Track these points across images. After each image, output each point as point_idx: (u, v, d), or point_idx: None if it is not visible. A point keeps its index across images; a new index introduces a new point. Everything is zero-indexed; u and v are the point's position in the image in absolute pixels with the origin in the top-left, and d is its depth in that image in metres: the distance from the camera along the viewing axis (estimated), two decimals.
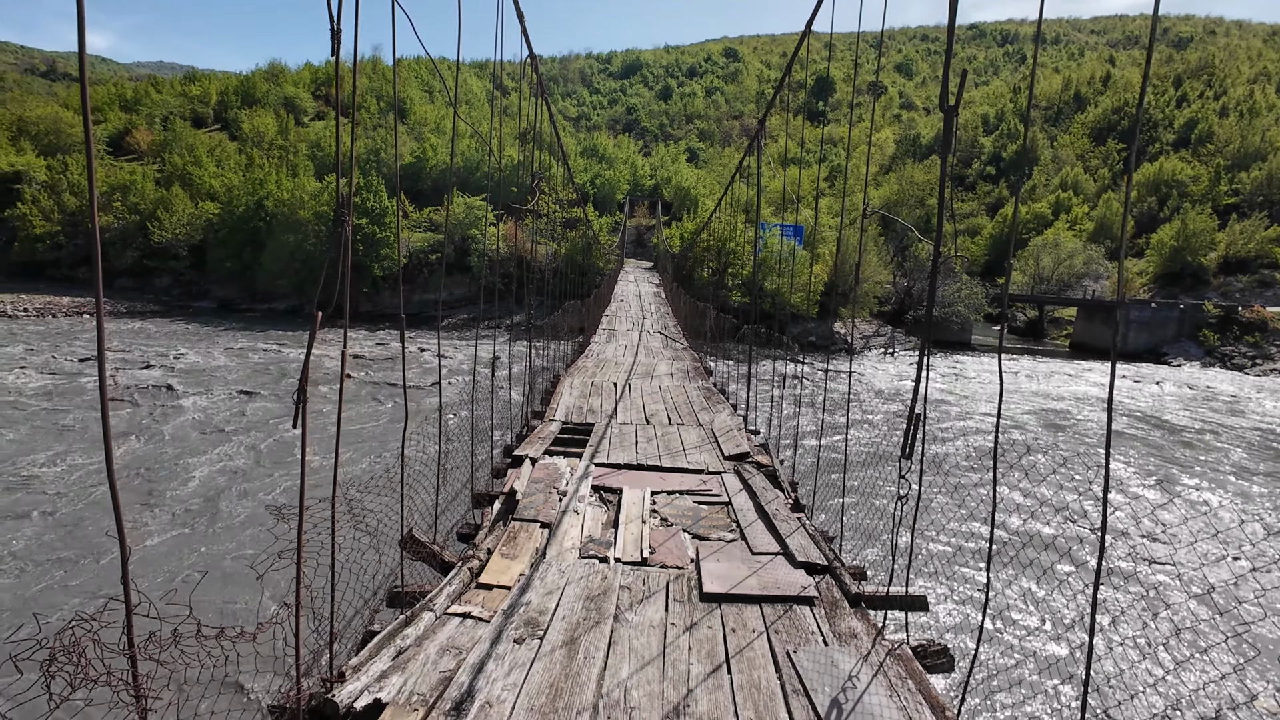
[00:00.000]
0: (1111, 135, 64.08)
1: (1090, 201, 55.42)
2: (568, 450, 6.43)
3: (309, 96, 59.15)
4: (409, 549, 3.94)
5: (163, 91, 56.99)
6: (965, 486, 11.59)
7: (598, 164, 55.44)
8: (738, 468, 6.01)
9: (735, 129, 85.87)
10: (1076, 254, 44.48)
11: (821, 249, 36.31)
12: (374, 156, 42.10)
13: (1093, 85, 73.64)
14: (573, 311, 13.65)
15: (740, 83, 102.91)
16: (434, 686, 2.73)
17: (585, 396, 9.14)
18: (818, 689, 2.86)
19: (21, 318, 28.89)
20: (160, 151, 44.62)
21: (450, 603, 3.47)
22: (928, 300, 3.19)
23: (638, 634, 3.24)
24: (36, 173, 39.14)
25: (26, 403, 15.12)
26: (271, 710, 2.40)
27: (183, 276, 36.98)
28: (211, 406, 15.72)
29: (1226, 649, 7.27)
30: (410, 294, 35.18)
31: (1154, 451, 16.31)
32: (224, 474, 11.22)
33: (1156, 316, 36.17)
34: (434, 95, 62.55)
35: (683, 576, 3.92)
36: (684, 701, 2.73)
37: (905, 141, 72.33)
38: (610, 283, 29.32)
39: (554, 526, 4.57)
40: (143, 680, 1.52)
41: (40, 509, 9.35)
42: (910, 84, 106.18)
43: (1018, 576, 8.52)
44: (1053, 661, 6.93)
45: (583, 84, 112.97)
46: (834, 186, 57.55)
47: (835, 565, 4.08)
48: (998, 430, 2.76)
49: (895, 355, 32.17)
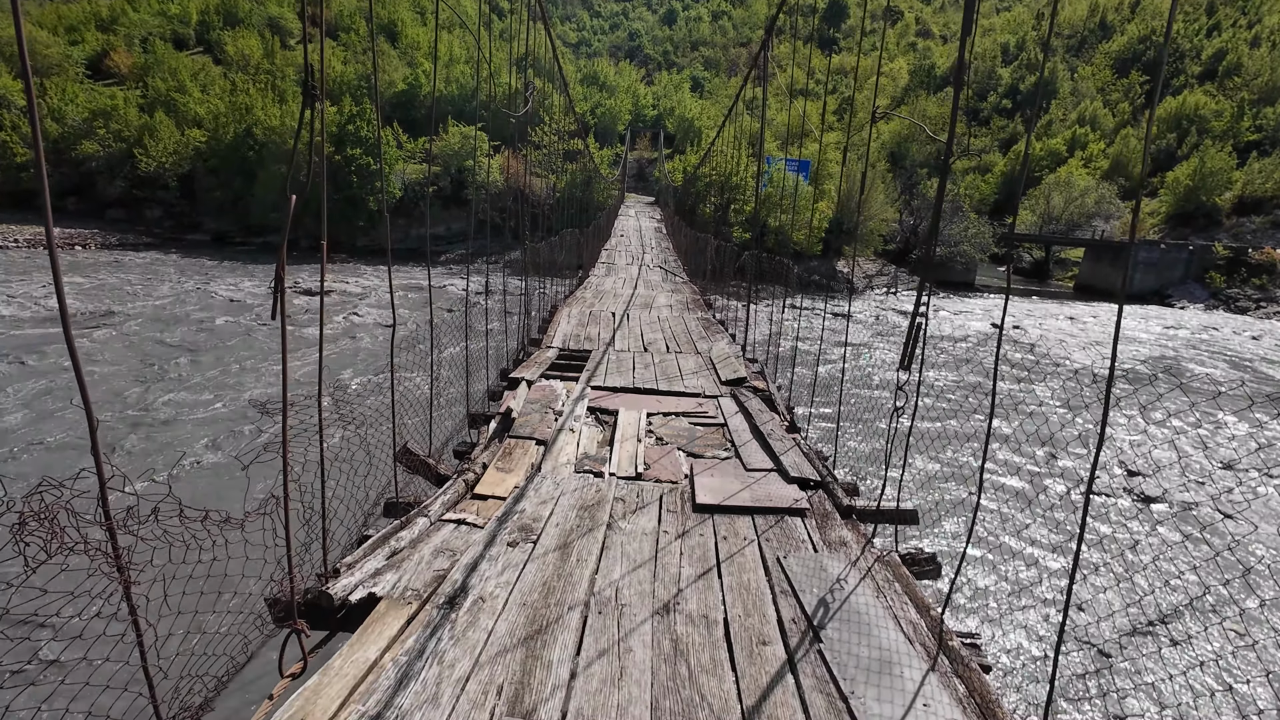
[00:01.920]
0: (1136, 66, 61.24)
1: (1108, 138, 53.54)
2: (564, 375, 6.40)
3: (294, 16, 56.12)
4: (404, 461, 3.96)
5: (140, 10, 54.00)
6: (962, 413, 11.69)
7: (599, 92, 53.25)
8: (734, 392, 6.00)
9: (742, 57, 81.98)
10: (1089, 193, 43.34)
11: (828, 185, 35.38)
12: (365, 83, 40.35)
13: (1120, 11, 69.78)
14: (571, 242, 13.36)
15: (749, 7, 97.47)
16: (428, 584, 2.77)
17: (583, 325, 9.06)
18: (806, 590, 2.91)
19: (12, 249, 28.45)
20: (142, 75, 42.72)
21: (445, 510, 3.51)
22: (935, 207, 3.05)
23: (630, 540, 3.29)
24: (14, 97, 37.59)
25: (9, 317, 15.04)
26: (268, 601, 2.43)
27: (174, 208, 36.13)
28: (201, 325, 15.65)
29: (1204, 572, 7.49)
30: (407, 228, 34.46)
31: (1143, 392, 16.37)
32: (205, 381, 11.07)
33: (1165, 258, 35.61)
34: (425, 17, 59.37)
35: (676, 490, 3.95)
36: (674, 599, 2.78)
37: (920, 72, 69.15)
38: (610, 217, 28.70)
39: (549, 443, 4.58)
40: (123, 553, 1.50)
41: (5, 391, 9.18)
42: (929, 9, 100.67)
43: (1009, 500, 8.69)
44: (1040, 576, 7.15)
45: (583, 6, 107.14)
46: (843, 120, 55.52)
47: (828, 480, 4.10)
48: (996, 366, 2.69)
49: (897, 295, 31.88)
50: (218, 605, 2.10)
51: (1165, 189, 44.18)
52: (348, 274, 27.27)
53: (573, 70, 55.19)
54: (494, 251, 23.71)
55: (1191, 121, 50.21)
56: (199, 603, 2.01)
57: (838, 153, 40.91)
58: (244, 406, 9.44)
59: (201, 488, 6.97)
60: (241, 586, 2.28)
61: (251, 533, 2.17)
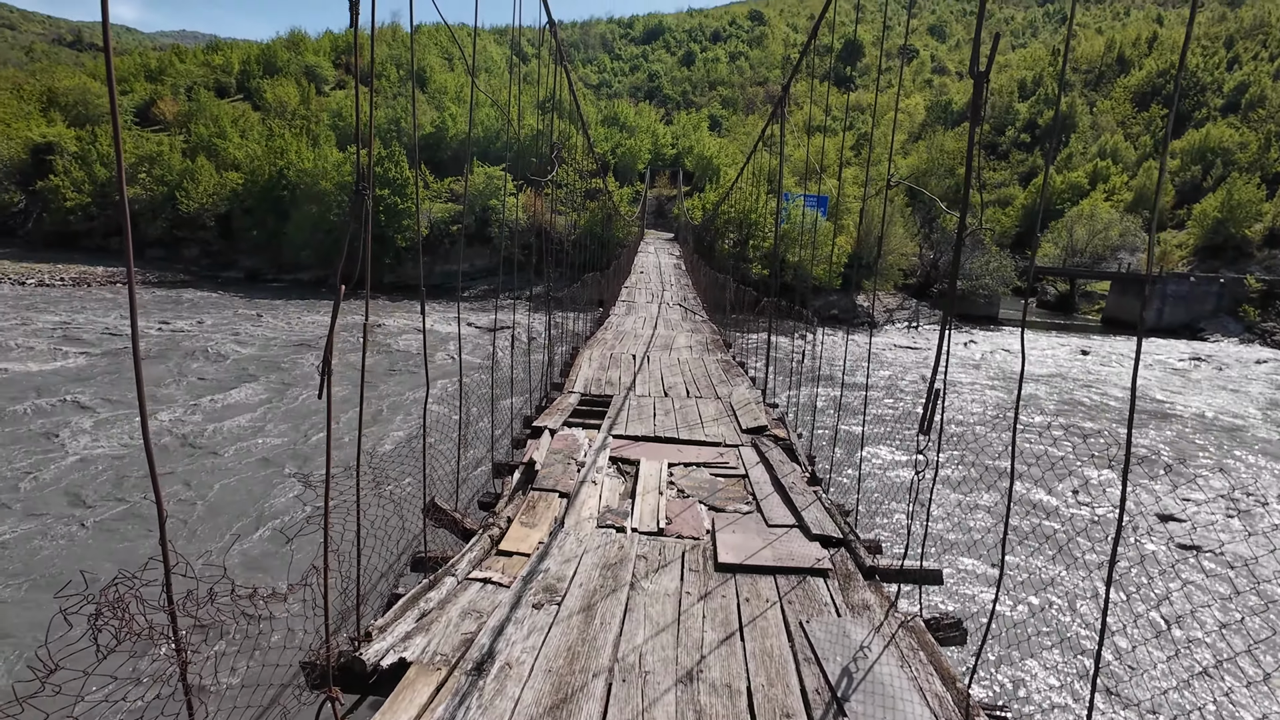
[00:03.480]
0: (1156, 100, 61.20)
1: (1130, 170, 53.26)
2: (586, 422, 6.49)
3: (329, 65, 58.89)
4: (432, 516, 4.05)
5: (186, 61, 57.17)
6: (983, 462, 11.50)
7: (619, 133, 54.63)
8: (755, 441, 6.03)
9: (759, 95, 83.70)
10: (1112, 225, 42.98)
11: (846, 220, 35.58)
12: (394, 126, 41.96)
13: (1138, 47, 70.06)
14: (592, 284, 13.64)
15: (765, 47, 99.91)
16: (456, 647, 2.83)
17: (604, 369, 9.19)
18: (829, 658, 2.91)
19: (59, 286, 29.72)
20: (186, 122, 44.98)
21: (471, 568, 3.58)
22: (951, 271, 3.13)
23: (653, 601, 3.32)
24: (67, 144, 39.75)
25: (69, 368, 15.65)
26: (303, 666, 2.52)
27: (211, 247, 37.59)
28: (240, 377, 16.12)
29: (1241, 629, 7.20)
30: (431, 265, 35.34)
31: (1178, 430, 15.96)
32: (253, 444, 11.56)
33: (1195, 291, 34.98)
34: (453, 63, 61.83)
35: (698, 547, 3.98)
36: (697, 667, 2.80)
37: (936, 108, 69.86)
38: (630, 254, 29.15)
39: (572, 496, 4.65)
40: (182, 636, 1.61)
41: (81, 474, 9.76)
42: (943, 47, 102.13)
43: (1035, 553, 8.49)
44: (1066, 636, 6.94)
45: (604, 50, 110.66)
46: (860, 155, 56.08)
47: (850, 538, 4.10)
48: (1018, 403, 2.73)
49: (919, 329, 31.66)
50: (261, 676, 2.18)
51: (1193, 221, 43.65)
52: (375, 310, 27.92)
53: (594, 111, 56.79)
54: (518, 286, 24.18)
55: (1216, 154, 49.79)
56: (245, 676, 2.10)
57: (856, 188, 41.23)
58: (286, 475, 9.93)
59: (244, 557, 7.24)
60: (280, 656, 2.37)
61: (292, 601, 2.27)
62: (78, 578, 1.39)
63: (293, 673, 2.36)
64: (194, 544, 7.51)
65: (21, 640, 6.09)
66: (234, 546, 7.36)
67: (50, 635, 1.42)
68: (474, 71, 3.65)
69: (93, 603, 1.43)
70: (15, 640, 6.11)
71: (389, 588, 3.37)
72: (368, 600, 2.99)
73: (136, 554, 7.25)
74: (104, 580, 1.53)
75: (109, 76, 1.44)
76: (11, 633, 6.21)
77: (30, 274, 30.95)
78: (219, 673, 1.89)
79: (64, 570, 7.00)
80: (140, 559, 1.69)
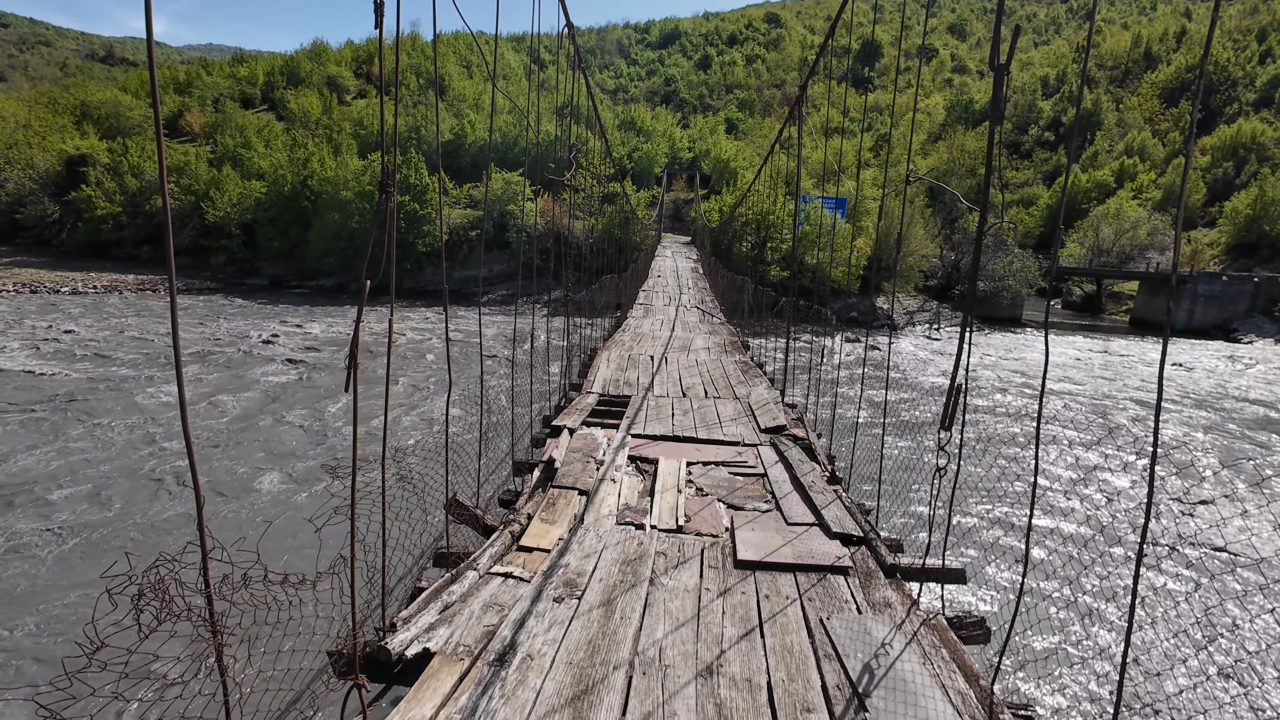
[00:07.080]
0: (1184, 96, 59.85)
1: (1158, 168, 52.10)
2: (605, 421, 6.53)
3: (351, 75, 60.02)
4: (453, 512, 4.11)
5: (213, 74, 58.70)
6: (1005, 462, 11.31)
7: (635, 137, 54.83)
8: (774, 440, 6.02)
9: (776, 98, 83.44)
10: (1140, 224, 42.03)
11: (865, 221, 35.29)
12: (414, 134, 42.58)
13: (1165, 42, 68.63)
14: (610, 287, 13.70)
15: (782, 49, 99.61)
16: (478, 639, 2.87)
17: (622, 369, 9.22)
18: (850, 654, 2.90)
19: (91, 294, 30.59)
20: (212, 133, 46.16)
21: (493, 563, 3.63)
22: (971, 267, 3.11)
23: (672, 597, 3.33)
24: (99, 155, 40.99)
25: (109, 372, 16.10)
26: (330, 655, 2.57)
27: (236, 255, 38.45)
28: (267, 378, 16.45)
29: (1270, 635, 6.99)
30: (451, 270, 35.77)
31: (1211, 432, 15.54)
32: (283, 438, 11.80)
33: (1228, 290, 34.06)
34: (472, 70, 62.64)
35: (717, 544, 3.99)
36: (717, 661, 2.81)
37: (956, 107, 69.02)
38: (647, 258, 29.20)
39: (591, 494, 4.68)
40: (218, 618, 1.67)
41: (124, 463, 10.05)
42: (963, 46, 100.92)
43: (1057, 550, 8.33)
44: (1091, 634, 6.79)
45: (620, 55, 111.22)
46: (879, 157, 55.57)
47: (871, 536, 4.08)
48: (1041, 402, 2.70)
49: (940, 331, 31.24)
50: (291, 662, 2.24)
51: (1224, 219, 42.55)
52: (397, 316, 28.30)
53: (610, 116, 57.05)
54: (537, 291, 24.36)
55: (1248, 149, 48.53)
56: (275, 661, 2.16)
57: (875, 189, 40.89)
58: (314, 467, 10.22)
59: (275, 545, 7.43)
60: (308, 641, 2.43)
61: (320, 591, 2.33)
62: (122, 559, 1.45)
63: (321, 660, 2.42)
64: (229, 531, 7.73)
65: (70, 617, 6.32)
66: (266, 535, 7.57)
67: (96, 613, 1.48)
68: (494, 75, 3.72)
69: (135, 584, 1.49)
70: (66, 618, 6.34)
71: (413, 581, 3.42)
72: (392, 593, 3.05)
73: (176, 537, 7.52)
74: (145, 562, 1.60)
75: (153, 92, 1.51)
76: (65, 612, 6.44)
77: (64, 282, 31.90)
78: (251, 656, 1.95)
79: (110, 552, 7.24)
80: (179, 541, 1.75)
